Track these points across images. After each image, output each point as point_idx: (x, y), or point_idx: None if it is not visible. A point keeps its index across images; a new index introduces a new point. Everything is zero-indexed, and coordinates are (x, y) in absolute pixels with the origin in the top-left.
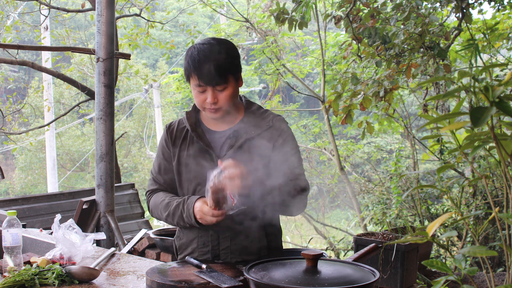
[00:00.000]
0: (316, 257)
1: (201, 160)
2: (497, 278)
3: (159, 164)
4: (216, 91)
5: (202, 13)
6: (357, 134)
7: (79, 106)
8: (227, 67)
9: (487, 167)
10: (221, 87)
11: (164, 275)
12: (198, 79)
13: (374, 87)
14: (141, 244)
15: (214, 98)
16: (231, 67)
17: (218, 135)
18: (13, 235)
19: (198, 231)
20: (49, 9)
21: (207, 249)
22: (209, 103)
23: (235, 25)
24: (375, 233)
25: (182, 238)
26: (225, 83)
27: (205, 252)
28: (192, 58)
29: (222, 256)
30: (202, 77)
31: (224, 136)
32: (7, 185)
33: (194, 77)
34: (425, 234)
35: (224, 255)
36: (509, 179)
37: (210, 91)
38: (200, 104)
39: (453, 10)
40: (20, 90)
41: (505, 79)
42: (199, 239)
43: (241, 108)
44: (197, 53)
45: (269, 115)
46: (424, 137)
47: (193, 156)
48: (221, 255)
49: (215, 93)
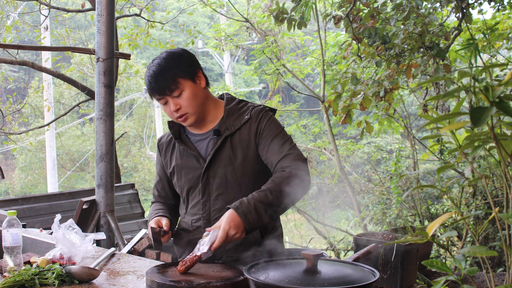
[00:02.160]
0: (316, 257)
1: (189, 165)
2: (497, 278)
3: (156, 177)
4: (174, 98)
5: (202, 13)
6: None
7: (79, 106)
8: (175, 73)
9: (487, 167)
10: (177, 93)
11: (164, 275)
12: (154, 93)
13: (374, 87)
14: (141, 244)
15: (175, 106)
16: (180, 71)
17: (202, 137)
18: (13, 235)
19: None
20: (49, 9)
21: None
22: (173, 111)
23: (235, 25)
24: (375, 233)
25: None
26: (178, 88)
27: None
28: (145, 78)
29: (217, 255)
30: (156, 90)
31: (208, 137)
32: (7, 185)
33: (151, 93)
34: (425, 234)
35: (219, 254)
36: (509, 179)
37: (170, 100)
38: (170, 116)
39: (453, 10)
40: (20, 90)
41: (505, 79)
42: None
43: (221, 106)
44: (148, 70)
45: (248, 107)
46: (424, 137)
47: (182, 163)
48: (216, 255)
49: (175, 100)
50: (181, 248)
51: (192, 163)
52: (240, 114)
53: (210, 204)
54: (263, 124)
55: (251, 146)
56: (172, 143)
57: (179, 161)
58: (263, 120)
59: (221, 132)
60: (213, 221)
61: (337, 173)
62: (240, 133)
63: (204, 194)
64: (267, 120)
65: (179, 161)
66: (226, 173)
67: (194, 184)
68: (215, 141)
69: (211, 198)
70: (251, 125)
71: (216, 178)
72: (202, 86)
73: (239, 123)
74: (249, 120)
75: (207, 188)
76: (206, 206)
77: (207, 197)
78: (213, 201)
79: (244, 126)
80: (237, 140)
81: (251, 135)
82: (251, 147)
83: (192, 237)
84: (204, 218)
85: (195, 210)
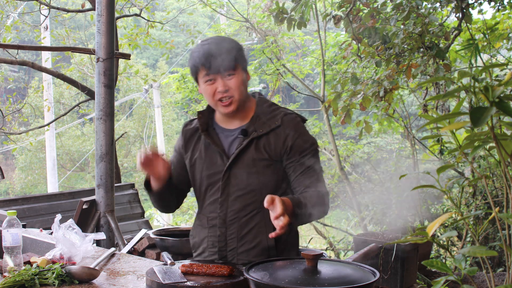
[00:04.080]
0: (316, 257)
1: (212, 160)
2: (497, 278)
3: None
4: (225, 79)
5: (202, 13)
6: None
7: (79, 106)
8: (233, 54)
9: (487, 167)
10: (230, 74)
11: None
12: (206, 69)
13: (374, 87)
14: (141, 244)
15: (224, 86)
16: (239, 56)
17: (229, 133)
18: (13, 235)
19: (208, 230)
20: (49, 9)
21: (215, 250)
22: (221, 92)
23: (235, 25)
24: (375, 233)
25: (195, 236)
26: (233, 69)
27: (213, 252)
28: (197, 53)
29: (229, 257)
30: (210, 67)
31: (235, 134)
32: (7, 185)
33: (202, 69)
34: (425, 234)
35: (231, 256)
36: (509, 179)
37: (219, 79)
38: (212, 96)
39: (453, 10)
40: (20, 90)
41: (505, 79)
42: (209, 239)
43: (253, 105)
44: (201, 47)
45: (280, 112)
46: (424, 137)
47: (204, 156)
48: (228, 256)
49: (225, 81)
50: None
51: (215, 159)
52: (271, 118)
53: (228, 204)
54: (293, 135)
55: (276, 153)
56: (198, 133)
57: (203, 154)
58: (293, 130)
59: (248, 133)
60: (229, 222)
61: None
62: (267, 138)
63: (223, 193)
64: (298, 131)
65: (202, 154)
66: (248, 175)
67: (214, 181)
68: (241, 141)
69: (230, 198)
70: (280, 133)
71: (237, 178)
72: (248, 79)
73: (268, 127)
74: (279, 126)
75: (226, 188)
76: (224, 206)
77: (226, 196)
78: (232, 202)
79: (272, 132)
80: (263, 144)
81: (279, 143)
82: (276, 155)
83: (207, 234)
84: (221, 218)
85: (212, 208)
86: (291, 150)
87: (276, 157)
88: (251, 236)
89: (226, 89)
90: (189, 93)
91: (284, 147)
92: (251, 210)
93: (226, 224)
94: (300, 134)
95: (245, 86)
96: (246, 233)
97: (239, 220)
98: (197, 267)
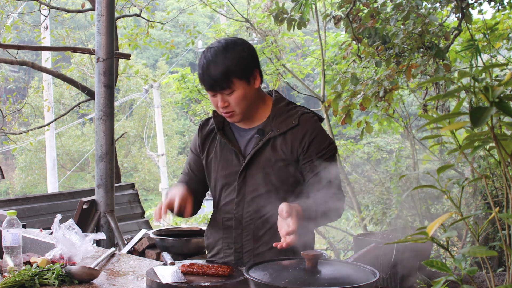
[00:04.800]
0: (316, 257)
1: (228, 160)
2: (497, 278)
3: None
4: (225, 95)
5: (202, 13)
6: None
7: (79, 106)
8: (231, 72)
9: (487, 167)
10: (228, 92)
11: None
12: (204, 86)
13: (374, 87)
14: (141, 244)
15: (224, 102)
16: (236, 71)
17: (245, 132)
18: (13, 235)
19: (224, 231)
20: (49, 9)
21: (231, 251)
22: (220, 107)
23: (235, 25)
24: (375, 233)
25: (209, 237)
26: (230, 88)
27: (229, 254)
28: (199, 65)
29: (245, 259)
30: (207, 84)
31: (251, 134)
32: (7, 185)
33: (201, 83)
34: (425, 234)
35: (247, 257)
36: (509, 179)
37: (218, 95)
38: (216, 107)
39: (453, 10)
40: (20, 90)
41: (505, 79)
42: (224, 240)
43: (269, 104)
44: (203, 58)
45: (297, 111)
46: (424, 137)
47: (220, 156)
48: (244, 258)
49: (224, 97)
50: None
51: (231, 159)
52: (288, 117)
53: (244, 205)
54: (310, 135)
55: (293, 153)
56: (214, 133)
57: (218, 153)
58: (310, 130)
59: (265, 133)
60: (244, 223)
61: None
62: (284, 137)
63: (239, 194)
64: (315, 131)
65: (218, 153)
66: (264, 176)
67: (230, 181)
68: (258, 140)
69: (246, 199)
70: (297, 132)
71: (253, 179)
72: (256, 86)
73: (285, 126)
74: (296, 126)
75: (242, 188)
76: (240, 207)
77: (242, 197)
78: (247, 203)
79: (289, 131)
80: (280, 144)
81: (296, 142)
82: (293, 155)
83: (222, 235)
84: (236, 219)
85: (228, 209)
86: (307, 149)
87: (292, 157)
88: (268, 238)
89: (226, 105)
90: (189, 93)
91: (301, 147)
92: (267, 211)
93: (242, 225)
94: (317, 134)
95: (251, 95)
96: (263, 235)
97: (255, 222)
98: (197, 267)
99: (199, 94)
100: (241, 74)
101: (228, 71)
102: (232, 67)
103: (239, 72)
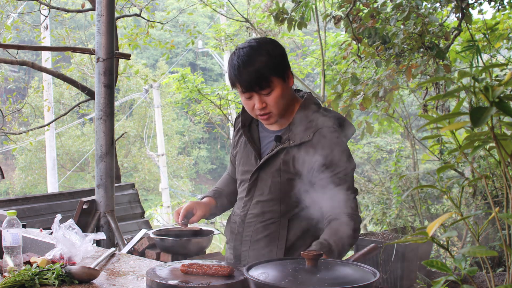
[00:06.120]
0: (316, 257)
1: (247, 158)
2: (497, 278)
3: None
4: (262, 95)
5: (202, 13)
6: (357, 134)
7: (79, 106)
8: (269, 69)
9: (487, 167)
10: (266, 91)
11: (164, 275)
12: (241, 86)
13: (374, 87)
14: (141, 244)
15: (261, 103)
16: (274, 68)
17: (268, 133)
18: (13, 235)
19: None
20: (49, 9)
21: (232, 245)
22: (258, 109)
23: (235, 25)
24: (375, 233)
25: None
26: (269, 87)
27: (230, 246)
28: (232, 66)
29: (242, 257)
30: (244, 84)
31: (272, 137)
32: (7, 185)
33: (237, 84)
34: (425, 234)
35: (244, 256)
36: (509, 179)
37: (256, 96)
38: (250, 111)
39: (453, 10)
40: (20, 90)
41: (505, 79)
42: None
43: (295, 109)
44: (237, 59)
45: (317, 123)
46: (424, 137)
47: (243, 151)
48: (242, 256)
49: (262, 97)
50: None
51: (250, 157)
52: (306, 129)
53: (250, 205)
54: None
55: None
56: None
57: (242, 149)
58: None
59: (282, 140)
60: (246, 223)
61: None
62: (298, 150)
63: (248, 193)
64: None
65: (242, 149)
66: (271, 183)
67: (245, 179)
68: (273, 147)
69: (253, 201)
70: (309, 148)
71: (262, 182)
72: (290, 85)
73: (299, 139)
74: (310, 140)
75: (252, 189)
76: (246, 207)
77: (250, 198)
78: (253, 205)
79: (304, 145)
80: (292, 156)
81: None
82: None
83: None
84: (241, 218)
85: (239, 205)
86: (319, 168)
87: (301, 173)
88: (263, 244)
89: (264, 106)
90: (189, 93)
91: (312, 164)
92: (268, 218)
93: (244, 225)
94: (331, 151)
95: (288, 95)
96: (259, 240)
97: (255, 225)
98: (197, 267)
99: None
100: (278, 71)
101: (266, 69)
102: (270, 65)
103: (276, 70)
